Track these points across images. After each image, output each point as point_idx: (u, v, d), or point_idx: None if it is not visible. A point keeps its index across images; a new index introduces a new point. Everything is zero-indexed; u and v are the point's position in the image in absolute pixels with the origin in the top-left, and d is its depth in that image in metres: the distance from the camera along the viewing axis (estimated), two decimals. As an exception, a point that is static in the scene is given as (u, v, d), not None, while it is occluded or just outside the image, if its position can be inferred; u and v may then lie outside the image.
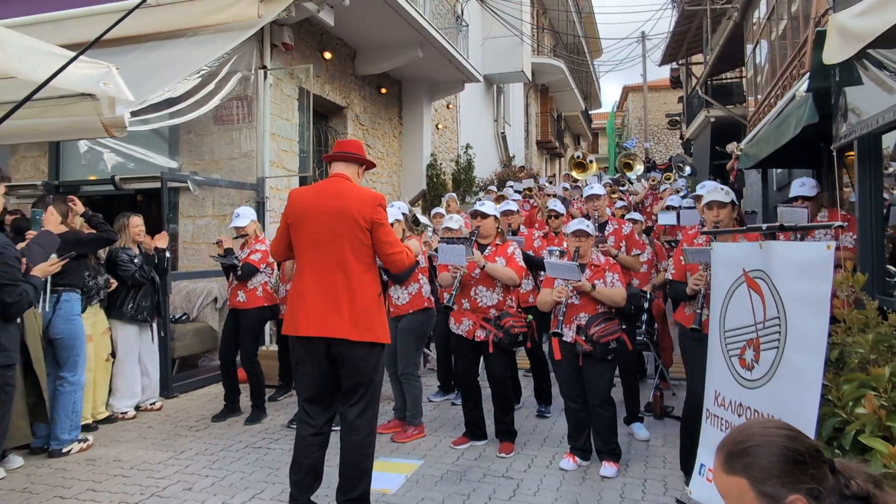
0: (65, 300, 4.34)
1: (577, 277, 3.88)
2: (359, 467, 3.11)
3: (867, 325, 2.54)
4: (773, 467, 1.25)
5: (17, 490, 3.72)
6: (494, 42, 17.18)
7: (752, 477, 1.26)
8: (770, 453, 1.26)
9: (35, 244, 3.46)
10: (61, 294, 4.32)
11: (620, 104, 41.22)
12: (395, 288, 4.65)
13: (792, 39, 9.33)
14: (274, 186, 7.70)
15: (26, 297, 3.14)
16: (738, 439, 1.33)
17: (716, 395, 3.20)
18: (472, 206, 4.67)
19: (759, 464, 1.26)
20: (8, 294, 3.04)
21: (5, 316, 3.09)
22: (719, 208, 3.60)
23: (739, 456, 1.29)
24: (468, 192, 13.91)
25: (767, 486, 1.24)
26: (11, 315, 3.13)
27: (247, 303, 5.15)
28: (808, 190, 4.46)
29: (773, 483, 1.24)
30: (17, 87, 3.30)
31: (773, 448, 1.27)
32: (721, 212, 3.60)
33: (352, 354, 3.07)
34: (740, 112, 14.09)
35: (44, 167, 7.92)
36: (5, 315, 3.09)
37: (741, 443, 1.31)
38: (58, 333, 4.31)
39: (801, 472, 1.24)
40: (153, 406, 5.46)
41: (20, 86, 3.21)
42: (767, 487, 1.24)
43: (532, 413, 5.19)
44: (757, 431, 1.33)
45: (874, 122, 3.41)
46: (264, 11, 6.39)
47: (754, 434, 1.32)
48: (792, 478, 1.23)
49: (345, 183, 3.22)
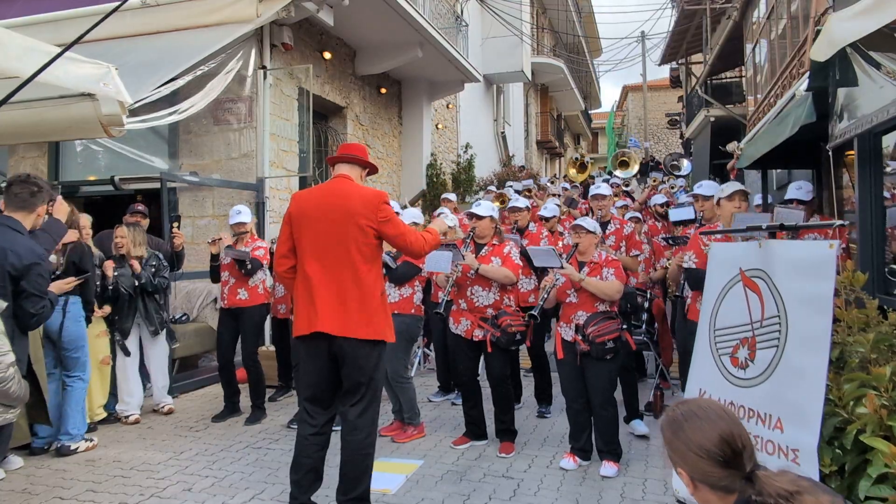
0: (72, 303, 4.40)
1: (558, 263, 3.89)
2: (359, 467, 3.11)
3: (868, 325, 2.54)
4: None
5: (16, 491, 3.72)
6: (494, 42, 17.17)
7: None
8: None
9: (42, 231, 3.47)
10: (68, 298, 4.37)
11: (620, 104, 41.22)
12: (387, 286, 4.63)
13: (791, 39, 9.33)
14: (274, 186, 7.70)
15: (46, 312, 3.16)
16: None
17: (700, 392, 3.20)
18: (470, 207, 4.67)
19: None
20: (33, 305, 3.05)
21: (24, 327, 3.10)
22: (741, 200, 3.69)
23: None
24: (468, 192, 13.90)
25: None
26: (31, 326, 3.14)
27: (249, 300, 5.15)
28: (805, 194, 4.48)
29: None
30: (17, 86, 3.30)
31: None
32: (743, 204, 3.70)
33: (354, 352, 3.07)
34: (740, 111, 14.09)
35: (43, 167, 7.90)
36: (24, 326, 3.09)
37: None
38: (69, 336, 4.37)
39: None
40: (161, 409, 5.35)
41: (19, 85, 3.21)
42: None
43: (532, 413, 5.18)
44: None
45: (868, 121, 3.41)
46: (263, 10, 6.39)
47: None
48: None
49: (348, 183, 3.24)
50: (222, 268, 5.26)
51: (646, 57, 26.58)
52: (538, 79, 23.68)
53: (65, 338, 4.34)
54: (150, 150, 7.67)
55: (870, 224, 3.79)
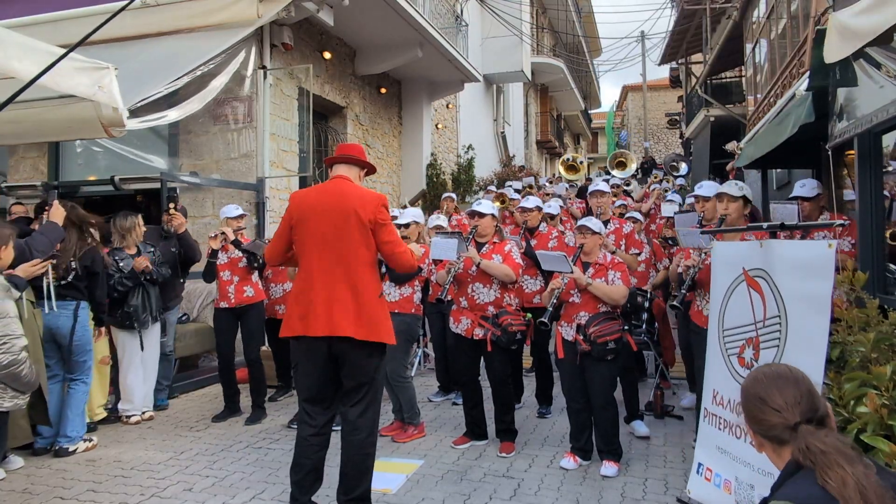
0: (82, 308, 4.41)
1: (568, 268, 3.87)
2: (360, 467, 3.10)
3: (868, 324, 2.54)
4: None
5: (17, 491, 3.72)
6: (494, 42, 17.17)
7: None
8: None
9: (39, 234, 3.47)
10: (79, 304, 4.38)
11: (620, 103, 41.21)
12: (388, 285, 4.63)
13: (791, 38, 9.33)
14: (274, 186, 7.70)
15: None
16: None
17: (714, 393, 3.20)
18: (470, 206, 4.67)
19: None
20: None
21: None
22: (730, 201, 3.57)
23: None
24: (468, 192, 13.91)
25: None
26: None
27: (255, 297, 5.17)
28: (808, 191, 4.46)
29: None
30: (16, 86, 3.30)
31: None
32: (731, 205, 3.57)
33: (354, 354, 3.07)
34: (740, 111, 14.08)
35: (43, 168, 7.91)
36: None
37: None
38: (80, 341, 4.39)
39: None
40: (143, 416, 5.14)
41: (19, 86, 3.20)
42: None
43: (533, 413, 5.18)
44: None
45: (868, 121, 3.41)
46: (263, 11, 6.38)
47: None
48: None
49: (347, 184, 3.23)
50: (222, 266, 5.22)
51: (645, 57, 26.65)
52: (538, 79, 23.68)
53: (76, 343, 4.36)
54: (149, 150, 7.67)
55: (870, 224, 3.79)
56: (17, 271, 3.35)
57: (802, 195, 4.43)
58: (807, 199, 4.39)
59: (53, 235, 3.62)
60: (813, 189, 4.43)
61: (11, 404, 2.87)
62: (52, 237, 3.61)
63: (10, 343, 2.85)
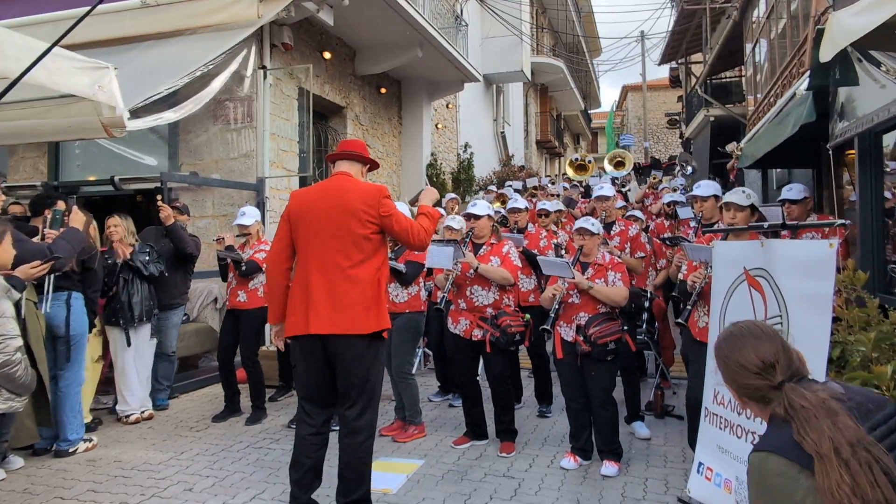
0: (74, 297, 4.34)
1: (570, 275, 3.87)
2: (358, 470, 3.09)
3: (869, 324, 2.54)
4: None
5: (17, 491, 3.72)
6: (494, 42, 17.17)
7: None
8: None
9: (62, 239, 3.46)
10: (71, 293, 4.31)
11: (620, 103, 41.22)
12: (394, 286, 4.64)
13: (791, 38, 9.33)
14: (274, 186, 7.69)
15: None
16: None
17: (715, 393, 3.20)
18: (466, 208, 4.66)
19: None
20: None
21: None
22: (737, 210, 3.50)
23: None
24: (468, 192, 13.91)
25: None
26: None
27: (248, 303, 5.14)
28: (795, 194, 4.47)
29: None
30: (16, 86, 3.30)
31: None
32: (738, 214, 3.50)
33: (347, 352, 3.04)
34: (740, 111, 14.10)
35: (43, 168, 7.91)
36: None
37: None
38: (74, 330, 4.31)
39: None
40: (128, 419, 5.05)
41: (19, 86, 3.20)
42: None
43: (533, 412, 5.18)
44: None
45: (869, 120, 3.42)
46: (263, 11, 6.38)
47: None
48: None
49: (348, 179, 3.22)
50: (230, 268, 5.25)
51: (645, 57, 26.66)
52: (538, 79, 23.68)
53: (73, 331, 4.28)
54: (149, 150, 7.67)
55: (870, 223, 3.79)
56: (17, 272, 3.34)
57: (790, 198, 4.44)
58: (794, 202, 4.40)
59: (75, 241, 3.62)
60: (800, 192, 4.44)
61: (6, 406, 2.85)
62: (75, 243, 3.61)
63: (4, 343, 2.84)
